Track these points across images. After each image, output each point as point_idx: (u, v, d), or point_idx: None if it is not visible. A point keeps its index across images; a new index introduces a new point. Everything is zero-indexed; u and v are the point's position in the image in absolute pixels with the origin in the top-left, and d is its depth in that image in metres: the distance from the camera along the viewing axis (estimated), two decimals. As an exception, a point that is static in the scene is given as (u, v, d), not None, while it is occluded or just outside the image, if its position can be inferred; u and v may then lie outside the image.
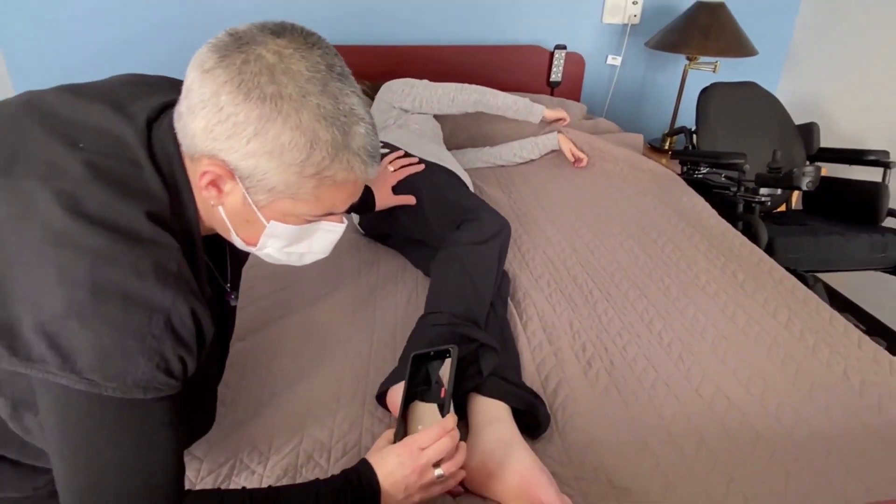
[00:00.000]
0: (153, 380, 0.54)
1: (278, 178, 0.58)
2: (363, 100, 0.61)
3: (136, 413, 0.56)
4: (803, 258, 1.74)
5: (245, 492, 0.67)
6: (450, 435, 0.72)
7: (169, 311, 0.54)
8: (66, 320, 0.51)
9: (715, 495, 0.84)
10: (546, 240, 1.52)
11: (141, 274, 0.53)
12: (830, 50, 2.48)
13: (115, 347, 0.52)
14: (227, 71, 0.55)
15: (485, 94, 1.78)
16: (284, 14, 2.09)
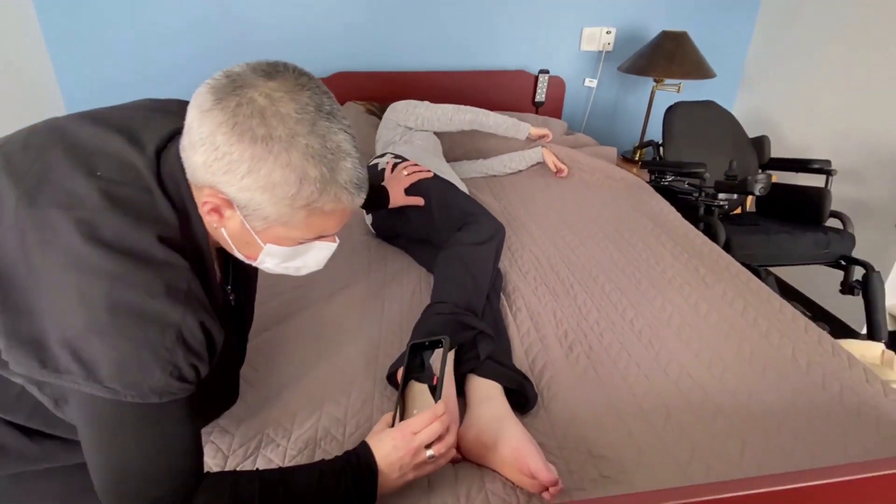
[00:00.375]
0: (168, 386, 0.54)
1: (271, 209, 0.57)
2: (350, 135, 0.59)
3: (154, 415, 0.56)
4: (757, 254, 1.74)
5: (256, 473, 0.66)
6: (440, 420, 0.71)
7: (180, 326, 0.54)
8: (87, 336, 0.51)
9: (681, 462, 0.83)
10: (532, 240, 1.52)
11: (152, 293, 0.53)
12: (780, 72, 2.48)
13: (132, 359, 0.52)
14: (223, 113, 0.54)
15: (478, 115, 1.78)
16: (305, 45, 2.10)
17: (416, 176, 1.39)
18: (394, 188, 1.35)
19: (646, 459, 0.84)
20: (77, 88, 2.16)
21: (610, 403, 0.95)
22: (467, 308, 1.04)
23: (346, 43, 2.29)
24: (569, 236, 1.54)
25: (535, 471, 0.75)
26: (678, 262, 1.41)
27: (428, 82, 2.37)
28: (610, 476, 0.81)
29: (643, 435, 0.88)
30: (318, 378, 0.98)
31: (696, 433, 0.89)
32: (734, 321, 1.18)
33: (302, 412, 0.91)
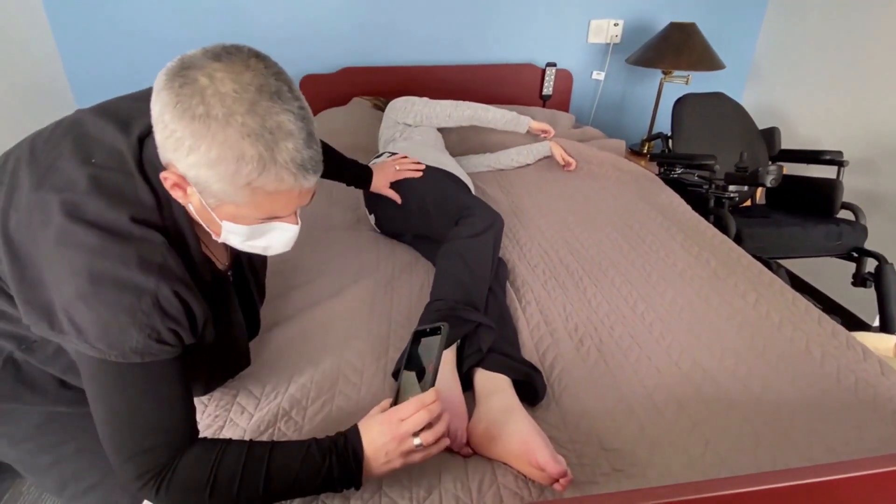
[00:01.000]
0: (147, 347, 0.60)
1: (217, 187, 0.58)
2: (298, 116, 0.58)
3: (138, 373, 0.62)
4: (768, 246, 1.72)
5: (247, 443, 0.68)
6: (427, 409, 0.69)
7: (156, 293, 0.59)
8: (76, 302, 0.58)
9: (694, 455, 0.82)
10: (541, 234, 1.51)
11: (127, 265, 0.59)
12: (789, 62, 2.45)
13: (113, 323, 0.58)
14: (169, 93, 0.56)
15: (477, 110, 1.75)
16: (312, 40, 2.09)
17: (405, 174, 1.38)
18: (379, 176, 1.36)
19: (658, 453, 0.83)
20: (84, 78, 2.17)
21: (621, 397, 0.94)
22: (466, 302, 1.03)
23: (353, 38, 2.28)
24: (577, 229, 1.53)
25: (542, 463, 0.74)
26: (689, 254, 1.40)
27: (435, 76, 2.35)
28: (622, 469, 0.80)
29: (655, 428, 0.87)
30: (327, 372, 0.98)
31: (709, 426, 0.88)
32: (746, 313, 1.16)
33: (312, 405, 0.91)
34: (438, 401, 0.71)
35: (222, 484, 0.64)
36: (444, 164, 1.53)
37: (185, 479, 0.64)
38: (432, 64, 2.37)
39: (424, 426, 0.69)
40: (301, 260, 1.34)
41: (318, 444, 0.69)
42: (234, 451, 0.66)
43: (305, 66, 2.30)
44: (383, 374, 0.98)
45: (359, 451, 0.69)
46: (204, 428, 0.86)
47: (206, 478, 0.64)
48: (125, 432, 0.63)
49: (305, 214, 1.62)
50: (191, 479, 0.64)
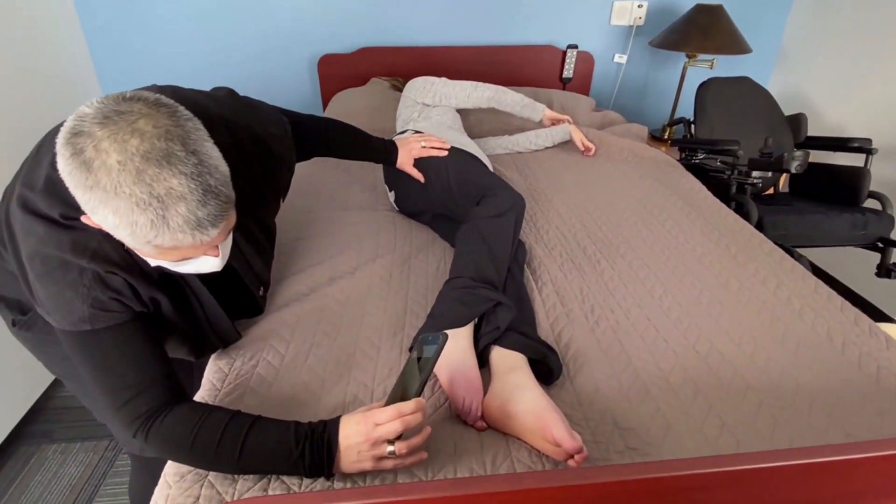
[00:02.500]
0: (94, 316, 0.68)
1: (128, 241, 0.60)
2: (191, 175, 0.57)
3: (96, 339, 0.70)
4: (790, 234, 1.69)
5: (232, 412, 0.73)
6: (403, 419, 0.68)
7: (95, 270, 0.67)
8: (35, 281, 0.68)
9: (709, 436, 0.82)
10: (558, 216, 1.50)
11: (63, 248, 0.66)
12: (818, 47, 2.38)
13: (61, 297, 0.67)
14: (63, 159, 0.56)
15: (497, 92, 1.75)
16: (331, 20, 2.09)
17: (429, 151, 1.38)
18: (404, 152, 1.36)
19: (674, 433, 0.83)
20: (112, 71, 2.19)
21: (637, 378, 0.94)
22: (485, 281, 1.03)
23: (371, 18, 2.27)
24: (596, 213, 1.52)
25: (558, 438, 0.75)
26: (709, 239, 1.38)
27: (453, 57, 2.33)
28: (637, 448, 0.80)
29: (671, 410, 0.87)
30: (344, 346, 1.00)
31: (726, 409, 0.88)
32: (766, 299, 1.15)
33: (330, 378, 0.92)
34: (419, 413, 0.70)
35: (201, 444, 0.70)
36: (463, 145, 1.52)
37: (170, 432, 0.70)
38: (451, 45, 2.35)
39: (401, 435, 0.69)
40: (318, 238, 1.35)
41: (297, 429, 0.71)
42: (217, 416, 0.71)
43: (323, 47, 2.30)
44: (399, 349, 0.99)
45: (333, 444, 0.69)
46: (224, 396, 0.88)
47: (188, 435, 0.70)
48: (104, 390, 0.71)
49: (324, 193, 1.63)
50: (175, 433, 0.70)
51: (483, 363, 0.95)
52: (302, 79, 2.36)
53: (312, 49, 2.30)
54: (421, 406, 0.70)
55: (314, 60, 2.33)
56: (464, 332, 0.95)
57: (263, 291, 1.00)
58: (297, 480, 0.73)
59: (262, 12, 2.20)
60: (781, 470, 0.51)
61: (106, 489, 1.48)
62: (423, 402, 0.71)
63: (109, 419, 0.75)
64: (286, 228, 1.42)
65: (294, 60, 2.32)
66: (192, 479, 0.73)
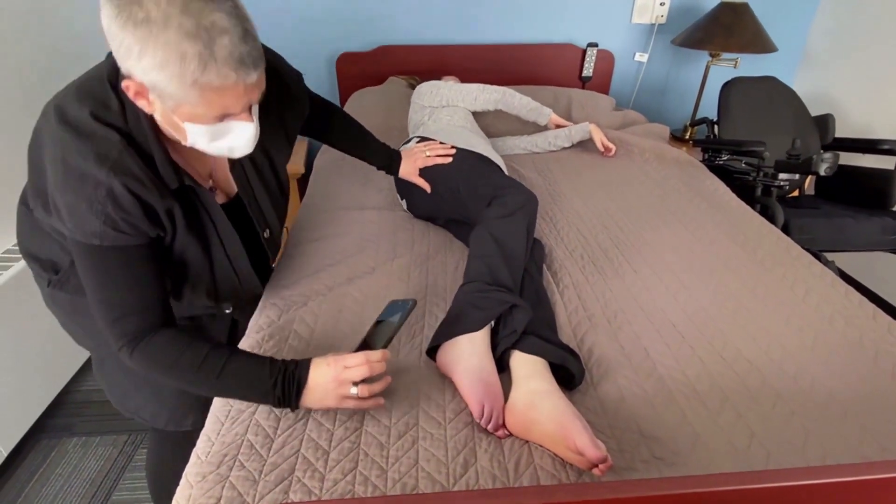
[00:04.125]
0: (104, 233, 0.70)
1: (170, 88, 0.62)
2: (230, 14, 0.62)
3: (103, 255, 0.72)
4: (817, 238, 1.65)
5: (213, 342, 0.78)
6: (370, 365, 0.77)
7: (108, 185, 0.68)
8: (55, 190, 0.69)
9: (739, 447, 0.80)
10: (579, 218, 1.48)
11: (86, 158, 0.67)
12: (844, 46, 2.32)
13: (77, 208, 0.68)
14: (110, 5, 0.60)
15: (505, 94, 1.72)
16: (349, 19, 2.08)
17: (434, 160, 1.36)
18: (408, 162, 1.35)
19: (701, 443, 0.81)
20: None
21: (662, 385, 0.92)
22: (499, 284, 1.01)
23: (390, 16, 2.26)
24: (617, 214, 1.49)
25: (581, 447, 0.73)
26: (734, 243, 1.35)
27: (472, 55, 2.32)
28: (663, 458, 0.78)
29: (698, 418, 0.85)
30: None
31: (755, 419, 0.85)
32: (795, 306, 1.12)
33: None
34: (384, 362, 0.79)
35: (184, 366, 0.76)
36: (473, 146, 1.51)
37: (155, 353, 0.76)
38: (470, 43, 2.33)
39: (366, 379, 0.77)
40: (336, 238, 1.35)
41: (272, 364, 0.78)
42: (200, 343, 0.77)
43: (342, 45, 2.30)
44: (419, 351, 0.98)
45: (303, 381, 0.78)
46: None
47: (172, 357, 0.76)
48: (101, 303, 0.75)
49: (341, 193, 1.62)
50: (160, 354, 0.76)
51: (502, 368, 0.93)
52: (321, 77, 2.36)
53: (331, 47, 2.30)
54: (386, 357, 0.80)
55: (333, 59, 2.32)
56: (480, 337, 0.93)
57: (269, 234, 0.99)
58: (318, 484, 0.73)
59: (282, 10, 2.20)
60: (823, 488, 0.49)
61: (125, 483, 1.49)
62: (387, 353, 0.81)
63: (102, 329, 0.77)
64: (304, 228, 1.41)
65: (313, 58, 2.32)
66: (213, 480, 0.73)
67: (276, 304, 1.09)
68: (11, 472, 1.52)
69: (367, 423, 0.83)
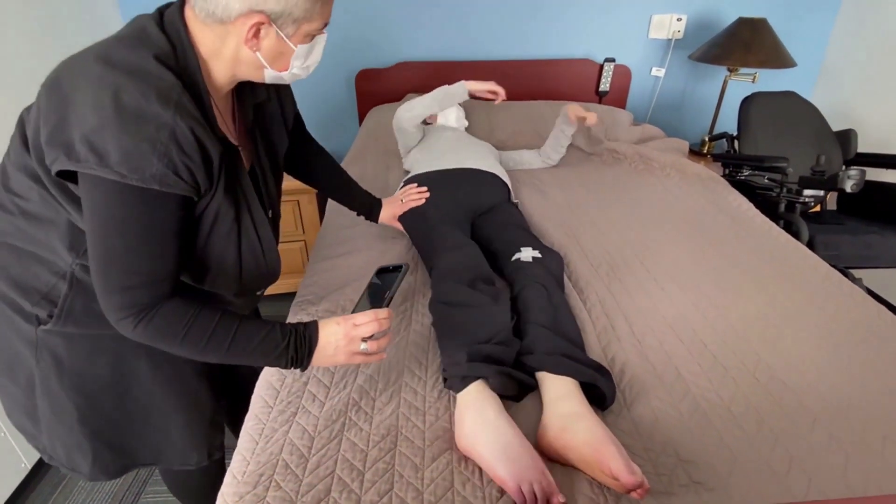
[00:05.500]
0: (165, 176, 0.64)
1: (301, 8, 0.68)
2: None
3: (151, 201, 0.66)
4: (843, 255, 1.63)
5: (220, 311, 0.76)
6: (378, 321, 0.81)
7: (172, 127, 0.64)
8: (101, 131, 0.62)
9: (778, 472, 0.79)
10: (601, 234, 1.47)
11: (147, 98, 0.63)
12: (863, 61, 2.30)
13: (135, 149, 0.62)
14: None
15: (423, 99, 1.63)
16: (367, 35, 2.09)
17: (409, 204, 1.38)
18: (386, 209, 1.36)
19: (740, 467, 0.79)
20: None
21: (696, 406, 0.91)
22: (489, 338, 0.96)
23: (408, 33, 2.29)
24: (641, 230, 1.49)
25: (616, 472, 0.72)
26: (761, 261, 1.34)
27: (490, 71, 2.33)
28: (702, 482, 0.77)
29: (735, 441, 0.84)
30: (393, 363, 0.99)
31: (793, 442, 0.84)
32: (826, 325, 1.10)
33: (380, 397, 0.92)
34: (390, 318, 0.83)
35: (193, 337, 0.73)
36: (461, 162, 1.54)
37: (162, 325, 0.72)
38: (487, 59, 2.35)
39: (373, 336, 0.81)
40: (359, 253, 1.35)
41: (282, 327, 0.79)
42: (208, 313, 0.75)
43: (361, 62, 2.32)
44: (435, 376, 0.97)
45: (314, 339, 0.80)
46: (277, 414, 0.88)
47: (181, 328, 0.73)
48: (117, 266, 0.69)
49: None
50: (168, 325, 0.72)
51: (530, 389, 0.92)
52: (340, 93, 2.39)
53: (351, 64, 2.33)
54: (391, 315, 0.84)
55: (352, 75, 2.35)
56: (489, 401, 0.85)
57: (272, 214, 0.93)
58: None
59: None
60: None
61: (147, 497, 1.49)
62: (391, 312, 0.84)
63: (102, 294, 0.70)
64: (328, 245, 1.42)
65: (332, 74, 2.35)
66: (251, 501, 0.73)
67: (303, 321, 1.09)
68: (35, 486, 1.52)
69: (400, 443, 0.83)
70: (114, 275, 0.69)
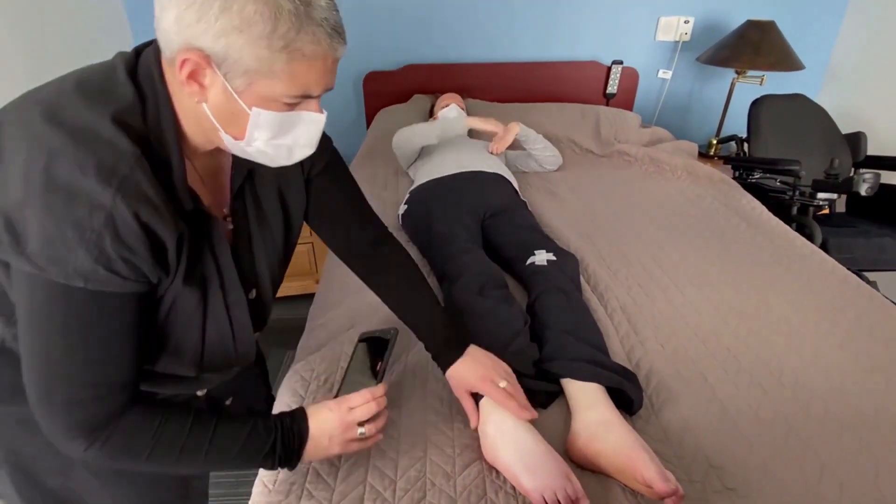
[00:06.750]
0: (94, 272, 0.52)
1: (251, 55, 0.51)
2: None
3: (83, 303, 0.54)
4: (857, 258, 1.64)
5: (190, 413, 0.64)
6: (376, 401, 0.72)
7: (109, 210, 0.51)
8: (22, 208, 0.50)
9: (810, 479, 0.79)
10: (619, 237, 1.47)
11: (84, 171, 0.50)
12: (870, 63, 2.32)
13: (57, 236, 0.50)
14: None
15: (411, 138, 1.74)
16: (374, 38, 2.09)
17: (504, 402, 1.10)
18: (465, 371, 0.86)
19: (771, 474, 0.80)
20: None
21: (725, 413, 0.91)
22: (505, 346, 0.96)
23: (416, 35, 2.29)
24: (657, 234, 1.49)
25: (649, 480, 0.72)
26: (779, 265, 1.34)
27: (497, 73, 2.34)
28: (735, 489, 0.77)
29: (765, 448, 0.84)
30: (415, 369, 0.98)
31: (823, 448, 0.84)
32: (848, 329, 1.11)
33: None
34: (385, 396, 0.74)
35: (162, 452, 0.61)
36: (462, 165, 1.55)
37: (122, 444, 0.60)
38: (495, 61, 2.35)
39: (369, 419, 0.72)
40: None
41: (264, 422, 0.68)
42: (177, 420, 0.62)
43: (369, 64, 2.32)
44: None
45: (304, 433, 0.69)
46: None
47: (146, 445, 0.60)
48: (58, 376, 0.55)
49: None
50: (130, 443, 0.60)
51: (549, 400, 0.93)
52: (347, 96, 2.39)
53: (359, 66, 2.33)
54: (386, 389, 0.75)
55: (360, 78, 2.35)
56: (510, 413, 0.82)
57: (255, 294, 0.74)
58: None
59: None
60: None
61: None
62: (386, 386, 0.75)
63: (42, 413, 0.57)
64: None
65: (340, 77, 2.34)
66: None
67: (326, 326, 1.09)
68: None
69: (430, 452, 0.82)
70: (56, 389, 0.56)
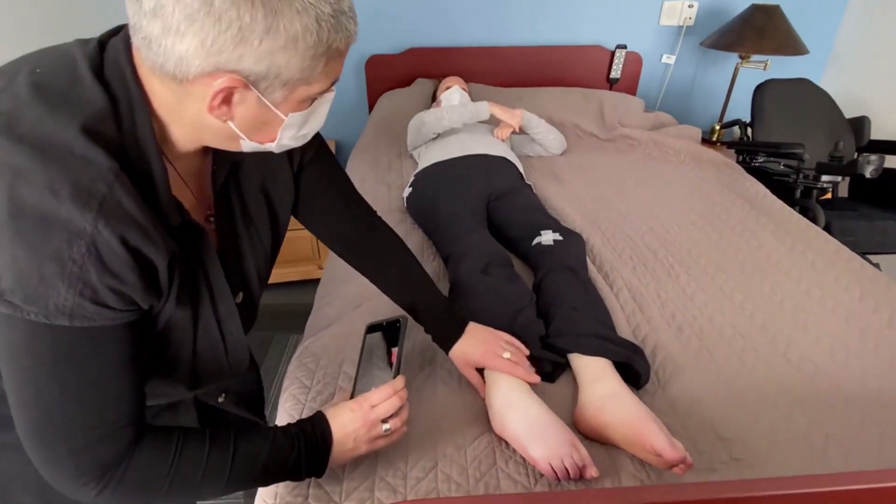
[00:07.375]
0: (79, 308, 0.46)
1: (296, 68, 0.48)
2: None
3: (69, 342, 0.48)
4: (860, 241, 1.65)
5: (206, 433, 0.60)
6: (398, 395, 0.70)
7: (92, 237, 0.44)
8: None
9: (816, 449, 0.80)
10: (623, 219, 1.48)
11: (58, 195, 0.43)
12: (874, 48, 2.32)
13: (32, 271, 0.44)
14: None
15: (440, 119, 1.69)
16: (378, 21, 2.07)
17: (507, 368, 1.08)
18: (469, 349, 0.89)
19: (778, 445, 0.81)
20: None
21: (730, 387, 0.92)
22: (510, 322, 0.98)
23: (419, 18, 2.27)
24: (661, 216, 1.50)
25: (659, 448, 0.73)
26: (783, 245, 1.35)
27: (500, 58, 2.33)
28: (742, 459, 0.78)
29: (771, 420, 0.85)
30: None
31: (828, 421, 0.85)
32: (852, 308, 1.12)
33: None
34: (405, 389, 0.71)
35: (184, 479, 0.57)
36: (467, 148, 1.55)
37: (138, 480, 0.54)
38: (498, 45, 2.34)
39: None
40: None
41: (284, 432, 0.64)
42: (193, 443, 0.58)
43: (371, 47, 2.31)
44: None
45: (328, 436, 0.66)
46: (315, 394, 0.88)
47: (163, 478, 0.55)
48: (55, 423, 0.50)
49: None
50: (146, 480, 0.55)
51: (563, 372, 0.93)
52: (349, 80, 2.38)
53: (361, 50, 2.32)
54: (406, 381, 0.72)
55: (362, 62, 2.34)
56: (514, 381, 0.85)
57: (241, 298, 0.69)
58: (401, 482, 0.73)
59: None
60: None
61: None
62: (405, 377, 0.73)
63: (44, 463, 0.51)
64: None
65: (342, 61, 2.33)
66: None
67: (333, 304, 1.10)
68: None
69: (441, 422, 0.83)
70: (55, 437, 0.50)
